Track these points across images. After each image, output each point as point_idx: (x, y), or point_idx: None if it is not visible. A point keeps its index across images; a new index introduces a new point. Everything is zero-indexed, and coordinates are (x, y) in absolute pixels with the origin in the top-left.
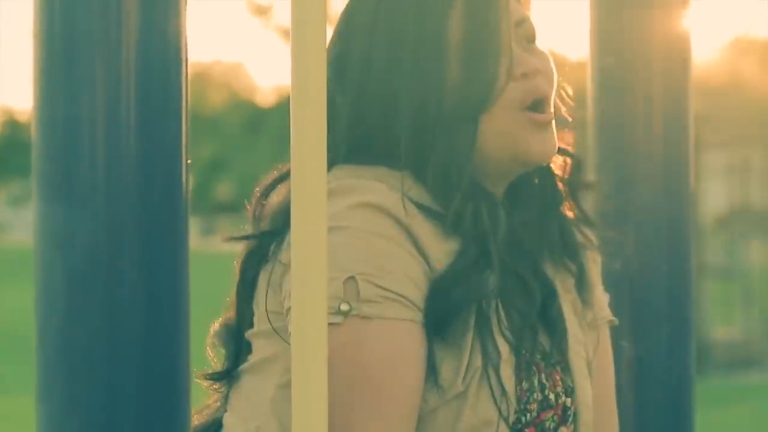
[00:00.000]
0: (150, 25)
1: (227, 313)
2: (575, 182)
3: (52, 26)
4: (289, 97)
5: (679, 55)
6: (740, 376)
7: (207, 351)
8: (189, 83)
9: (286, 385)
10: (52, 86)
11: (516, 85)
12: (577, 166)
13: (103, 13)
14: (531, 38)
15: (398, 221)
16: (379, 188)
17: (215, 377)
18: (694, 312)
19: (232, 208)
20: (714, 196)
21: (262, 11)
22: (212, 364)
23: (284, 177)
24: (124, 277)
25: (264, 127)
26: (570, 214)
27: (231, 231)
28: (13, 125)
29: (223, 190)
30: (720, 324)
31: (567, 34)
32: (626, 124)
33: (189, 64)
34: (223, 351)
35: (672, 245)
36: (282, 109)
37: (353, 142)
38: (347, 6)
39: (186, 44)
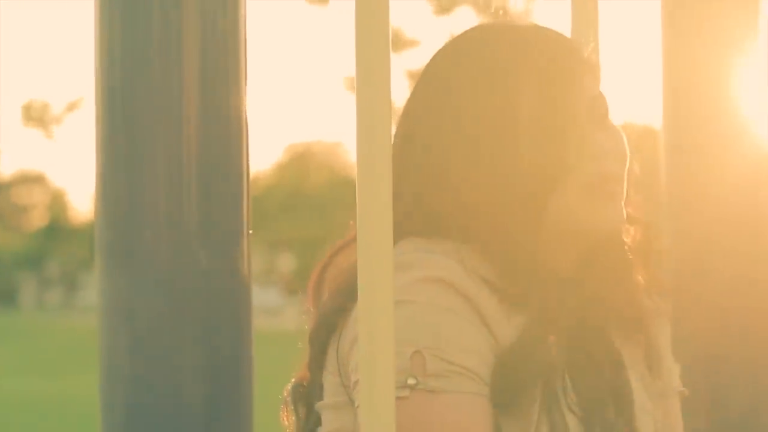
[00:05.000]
0: (211, 100)
1: (300, 373)
2: (646, 250)
3: (113, 102)
4: None
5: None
6: None
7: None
8: (249, 151)
9: None
10: (113, 160)
11: (586, 166)
12: (649, 233)
13: (164, 89)
14: (604, 114)
15: (464, 295)
16: (445, 262)
17: None
18: None
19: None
20: None
21: None
22: (284, 422)
23: (343, 249)
24: (187, 344)
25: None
26: (640, 281)
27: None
28: None
29: None
30: None
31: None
32: (699, 182)
33: (289, 144)
34: (293, 412)
35: (749, 310)
36: None
37: (419, 216)
38: (417, 82)
39: (246, 119)
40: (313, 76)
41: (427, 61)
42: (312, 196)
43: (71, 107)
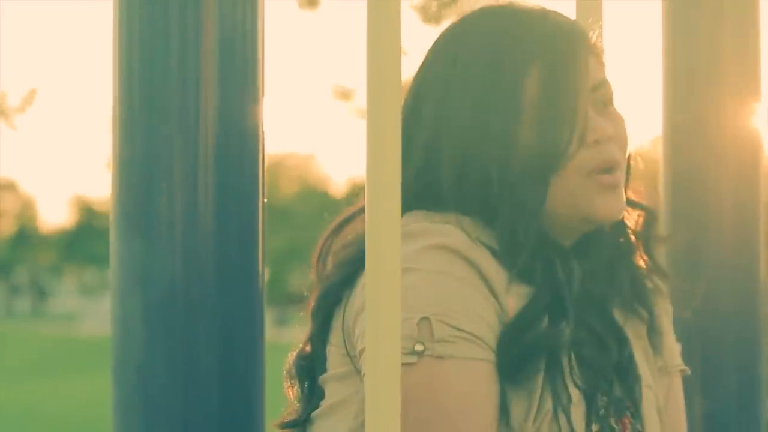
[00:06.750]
0: (228, 67)
1: (302, 345)
2: (647, 234)
3: (131, 73)
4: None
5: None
6: None
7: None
8: (264, 121)
9: (359, 429)
10: (129, 127)
11: (588, 151)
12: (650, 218)
13: (181, 60)
14: (608, 101)
15: (470, 263)
16: (451, 231)
17: (289, 425)
18: (764, 364)
19: (306, 298)
20: None
21: (346, 95)
22: (287, 394)
23: (349, 219)
24: (200, 311)
25: (336, 217)
26: (641, 264)
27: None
28: (88, 213)
29: (297, 280)
30: None
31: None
32: (697, 178)
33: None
34: (296, 385)
35: (742, 297)
36: (354, 199)
37: (425, 189)
38: (423, 60)
39: (263, 89)
40: (293, 87)
41: (426, 51)
42: (283, 207)
43: (27, 99)
